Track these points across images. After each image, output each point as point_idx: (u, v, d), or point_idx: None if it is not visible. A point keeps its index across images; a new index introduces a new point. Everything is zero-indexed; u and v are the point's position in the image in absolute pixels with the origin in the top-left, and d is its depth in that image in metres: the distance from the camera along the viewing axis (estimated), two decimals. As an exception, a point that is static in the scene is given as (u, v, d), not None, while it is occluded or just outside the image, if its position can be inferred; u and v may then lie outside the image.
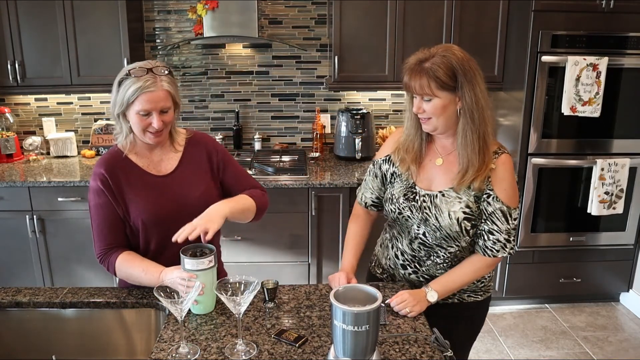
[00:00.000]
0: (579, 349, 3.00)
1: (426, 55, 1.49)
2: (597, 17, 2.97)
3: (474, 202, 1.54)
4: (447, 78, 1.45)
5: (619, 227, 3.29)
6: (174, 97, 1.56)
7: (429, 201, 1.58)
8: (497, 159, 1.54)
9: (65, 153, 3.54)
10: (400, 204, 1.63)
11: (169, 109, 1.55)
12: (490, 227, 1.54)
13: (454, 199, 1.55)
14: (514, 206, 1.55)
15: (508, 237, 1.55)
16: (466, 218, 1.54)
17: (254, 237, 3.10)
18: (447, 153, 1.60)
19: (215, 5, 3.18)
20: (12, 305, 1.58)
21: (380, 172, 1.72)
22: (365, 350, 1.22)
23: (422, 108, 1.51)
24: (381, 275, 1.81)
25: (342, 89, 3.43)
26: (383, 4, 3.13)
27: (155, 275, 1.51)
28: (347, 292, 1.26)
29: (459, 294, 1.69)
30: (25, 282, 3.16)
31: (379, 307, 1.20)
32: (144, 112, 1.51)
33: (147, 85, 1.48)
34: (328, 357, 1.29)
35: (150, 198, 1.60)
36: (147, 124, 1.53)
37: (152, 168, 1.65)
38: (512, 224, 1.55)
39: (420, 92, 1.48)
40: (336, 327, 1.20)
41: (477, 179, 1.51)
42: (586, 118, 3.02)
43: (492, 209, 1.53)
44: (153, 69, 1.51)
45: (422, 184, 1.61)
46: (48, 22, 3.11)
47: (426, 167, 1.62)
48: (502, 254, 1.56)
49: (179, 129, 1.72)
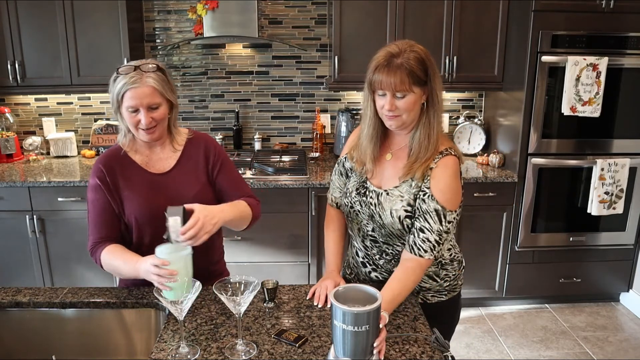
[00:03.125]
0: (579, 349, 3.00)
1: (396, 50, 1.46)
2: (597, 17, 2.97)
3: (414, 200, 1.53)
4: (421, 73, 1.45)
5: (619, 227, 3.29)
6: (162, 93, 1.55)
7: (376, 198, 1.59)
8: (440, 159, 1.52)
9: (65, 153, 3.54)
10: (352, 198, 1.65)
11: (158, 105, 1.56)
12: (422, 225, 1.51)
13: (396, 198, 1.55)
14: (450, 208, 1.51)
15: (439, 238, 1.51)
16: (407, 216, 1.54)
17: (254, 237, 3.10)
18: (397, 148, 1.61)
19: (215, 5, 3.18)
20: (12, 305, 1.58)
21: (344, 170, 1.74)
22: (365, 351, 1.22)
23: (395, 105, 1.47)
24: (349, 276, 1.82)
25: (342, 89, 3.43)
26: (383, 4, 3.13)
27: (133, 265, 1.49)
28: (347, 292, 1.26)
29: (422, 293, 1.68)
30: (25, 282, 3.16)
31: (379, 307, 1.20)
32: (131, 108, 1.53)
33: (132, 81, 1.50)
34: (328, 357, 1.29)
35: (145, 195, 1.61)
36: (136, 121, 1.55)
37: (150, 166, 1.66)
38: (445, 225, 1.51)
39: (400, 88, 1.44)
40: (336, 327, 1.20)
41: (419, 169, 1.52)
42: (586, 118, 3.02)
43: (426, 207, 1.50)
44: (141, 66, 1.53)
45: (374, 180, 1.63)
46: (48, 22, 3.11)
47: (380, 163, 1.63)
48: (429, 255, 1.51)
49: (180, 128, 1.73)
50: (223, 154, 1.76)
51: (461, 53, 3.22)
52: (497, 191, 3.16)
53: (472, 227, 3.19)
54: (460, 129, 3.56)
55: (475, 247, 3.18)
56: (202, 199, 1.59)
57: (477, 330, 3.19)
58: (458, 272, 1.72)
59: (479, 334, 3.15)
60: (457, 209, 1.54)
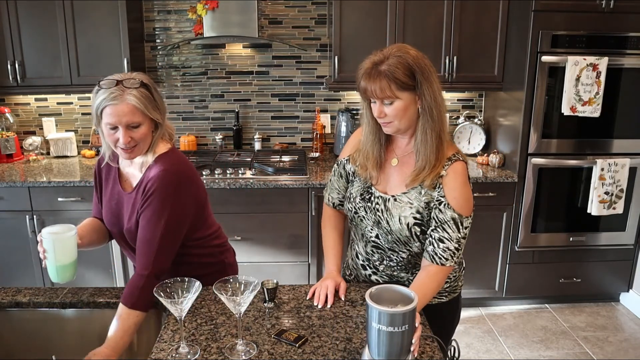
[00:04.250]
0: (579, 349, 3.00)
1: (381, 58, 1.45)
2: (597, 17, 2.97)
3: (424, 208, 1.52)
4: (406, 78, 1.42)
5: (619, 227, 3.29)
6: (144, 112, 1.45)
7: (382, 204, 1.57)
8: (450, 166, 1.51)
9: (65, 153, 3.54)
10: (357, 204, 1.63)
11: (139, 124, 1.46)
12: (441, 235, 1.50)
13: (405, 204, 1.54)
14: (465, 215, 1.51)
15: (458, 245, 1.52)
16: (416, 224, 1.53)
17: (254, 237, 3.10)
18: (403, 153, 1.59)
19: (215, 5, 3.17)
20: (12, 305, 1.58)
21: (344, 172, 1.72)
22: (400, 351, 1.21)
23: (384, 112, 1.47)
24: (349, 278, 1.82)
25: (342, 89, 3.43)
26: (383, 4, 3.13)
27: None
28: (381, 293, 1.25)
29: None
30: (25, 282, 3.16)
31: (414, 308, 1.19)
32: (110, 125, 1.45)
33: (111, 97, 1.42)
34: (362, 358, 1.29)
35: (107, 208, 1.66)
36: (114, 139, 1.47)
37: (123, 179, 1.65)
38: (462, 232, 1.52)
39: (381, 95, 1.44)
40: (372, 328, 1.20)
41: (428, 177, 1.49)
42: (586, 118, 3.02)
43: (443, 217, 1.49)
44: (123, 81, 1.44)
45: (379, 186, 1.60)
46: (48, 22, 3.11)
47: (384, 169, 1.61)
48: (450, 263, 1.51)
49: (162, 145, 1.57)
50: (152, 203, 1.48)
51: (461, 53, 3.22)
52: (497, 191, 3.16)
53: (472, 227, 3.15)
54: (460, 129, 3.56)
55: (475, 247, 3.18)
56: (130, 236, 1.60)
57: (477, 330, 3.19)
58: (458, 274, 1.73)
59: (479, 334, 3.15)
60: (471, 215, 1.54)
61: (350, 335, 1.41)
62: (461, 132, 3.56)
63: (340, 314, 1.52)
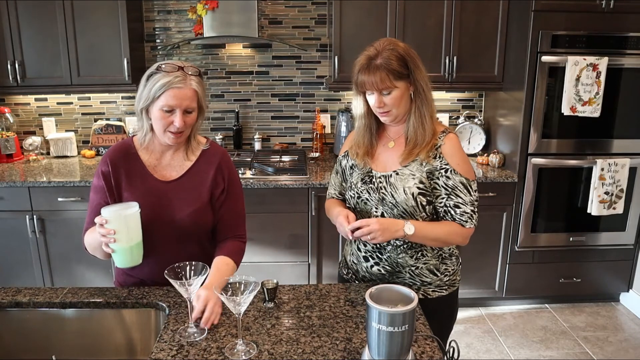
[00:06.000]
0: (579, 349, 3.00)
1: (375, 52, 1.58)
2: (597, 17, 2.97)
3: (427, 178, 1.62)
4: (401, 67, 1.56)
5: (619, 227, 3.29)
6: (200, 99, 1.54)
7: (385, 181, 1.66)
8: (445, 136, 1.64)
9: (65, 153, 3.54)
10: (359, 188, 1.71)
11: (194, 110, 1.54)
12: (456, 201, 1.62)
13: (407, 176, 1.63)
14: (471, 178, 1.64)
15: (473, 208, 1.63)
16: (421, 193, 1.62)
17: (254, 237, 3.10)
18: (398, 136, 1.70)
19: (215, 5, 3.18)
20: (12, 305, 1.58)
21: (340, 168, 1.83)
22: (401, 351, 1.22)
23: (383, 102, 1.59)
24: (347, 276, 1.85)
25: (342, 89, 3.43)
26: (383, 4, 3.13)
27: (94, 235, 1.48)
28: (381, 292, 1.26)
29: (423, 288, 1.70)
30: (25, 282, 3.16)
31: (414, 308, 1.20)
32: (167, 107, 1.49)
33: (176, 81, 1.47)
34: (362, 358, 1.29)
35: (141, 200, 1.54)
36: (169, 122, 1.51)
37: (157, 170, 1.63)
38: (474, 195, 1.64)
39: (382, 85, 1.56)
40: (372, 328, 1.20)
41: (423, 150, 1.62)
42: (586, 118, 3.02)
43: (452, 183, 1.61)
44: (184, 68, 1.51)
45: (378, 167, 1.70)
46: (48, 22, 3.11)
47: (380, 153, 1.72)
48: (470, 225, 1.62)
49: (200, 137, 1.68)
50: (235, 179, 1.69)
51: (461, 53, 3.22)
52: (497, 191, 3.16)
53: (472, 227, 3.18)
54: (460, 129, 3.56)
55: (475, 247, 3.18)
56: (196, 220, 1.59)
57: (477, 330, 3.19)
58: (456, 267, 1.77)
59: (479, 334, 3.15)
60: (475, 180, 1.67)
61: (350, 335, 1.41)
62: (461, 132, 3.56)
63: (340, 314, 1.52)
